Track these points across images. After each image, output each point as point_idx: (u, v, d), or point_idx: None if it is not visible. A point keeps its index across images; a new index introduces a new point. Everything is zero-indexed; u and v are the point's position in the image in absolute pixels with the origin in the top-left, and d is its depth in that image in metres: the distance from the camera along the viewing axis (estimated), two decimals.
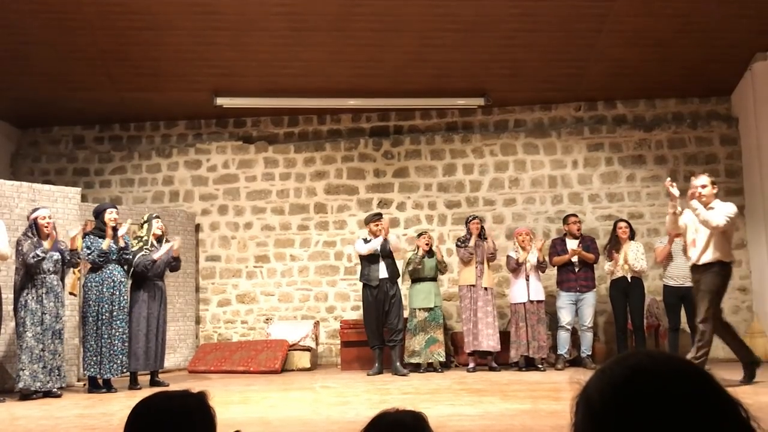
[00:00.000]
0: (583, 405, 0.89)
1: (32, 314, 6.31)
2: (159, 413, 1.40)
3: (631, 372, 0.87)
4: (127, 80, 8.79)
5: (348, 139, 9.86)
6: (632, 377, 0.86)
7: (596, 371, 0.93)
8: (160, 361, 7.20)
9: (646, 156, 9.47)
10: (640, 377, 0.85)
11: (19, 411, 5.56)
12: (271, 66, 8.54)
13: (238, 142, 9.96)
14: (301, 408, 5.46)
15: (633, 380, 0.85)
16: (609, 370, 0.89)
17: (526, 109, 9.78)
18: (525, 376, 7.35)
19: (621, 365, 0.89)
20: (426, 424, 1.55)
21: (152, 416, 1.40)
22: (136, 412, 1.42)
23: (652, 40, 8.18)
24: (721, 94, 9.51)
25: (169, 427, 1.37)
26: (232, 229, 9.80)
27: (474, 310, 8.00)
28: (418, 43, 8.15)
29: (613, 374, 0.88)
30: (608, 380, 0.87)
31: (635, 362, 0.88)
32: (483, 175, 9.63)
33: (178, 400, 1.42)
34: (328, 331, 9.48)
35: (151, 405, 1.42)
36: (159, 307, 7.20)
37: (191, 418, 1.39)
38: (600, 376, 0.90)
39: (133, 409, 1.42)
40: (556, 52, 8.39)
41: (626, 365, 0.88)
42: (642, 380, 0.85)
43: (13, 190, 7.18)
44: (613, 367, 0.89)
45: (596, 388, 0.88)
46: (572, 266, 8.15)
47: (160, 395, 1.45)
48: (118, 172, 10.04)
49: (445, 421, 4.39)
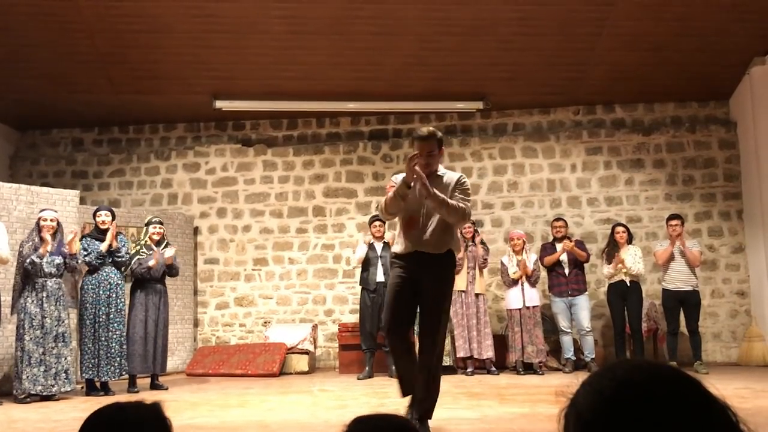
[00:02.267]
0: (573, 419, 0.89)
1: (31, 318, 6.29)
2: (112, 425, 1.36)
3: (617, 384, 0.87)
4: (127, 83, 8.79)
5: (347, 143, 9.86)
6: (619, 388, 0.86)
7: (582, 384, 0.93)
8: (160, 364, 7.17)
9: (644, 160, 9.48)
10: (628, 388, 0.86)
11: (17, 414, 5.54)
12: (271, 69, 8.55)
13: (237, 145, 9.96)
14: (299, 411, 5.46)
15: (620, 391, 0.86)
16: (595, 382, 0.90)
17: (524, 113, 9.80)
18: (523, 380, 7.35)
19: (606, 377, 0.89)
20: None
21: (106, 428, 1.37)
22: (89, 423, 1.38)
23: (651, 44, 8.20)
24: (720, 98, 9.53)
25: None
26: (231, 232, 9.79)
27: (467, 315, 7.99)
28: (417, 47, 8.16)
29: (601, 386, 0.88)
30: (596, 393, 0.88)
31: (620, 373, 0.89)
32: (482, 179, 9.64)
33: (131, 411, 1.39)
34: (326, 334, 9.47)
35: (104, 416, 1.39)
36: (158, 311, 7.19)
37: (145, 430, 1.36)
38: (587, 389, 0.90)
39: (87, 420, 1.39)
40: (555, 56, 8.40)
41: (611, 377, 0.88)
42: (629, 391, 0.85)
43: (12, 192, 7.17)
44: (599, 380, 0.89)
45: (585, 402, 0.88)
46: (562, 269, 8.14)
47: (113, 406, 1.41)
48: (116, 175, 10.04)
49: (444, 424, 4.39)
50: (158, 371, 7.17)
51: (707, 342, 8.82)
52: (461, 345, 7.94)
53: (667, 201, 9.33)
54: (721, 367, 8.30)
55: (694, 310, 7.80)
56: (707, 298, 8.87)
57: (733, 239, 9.23)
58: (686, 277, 7.82)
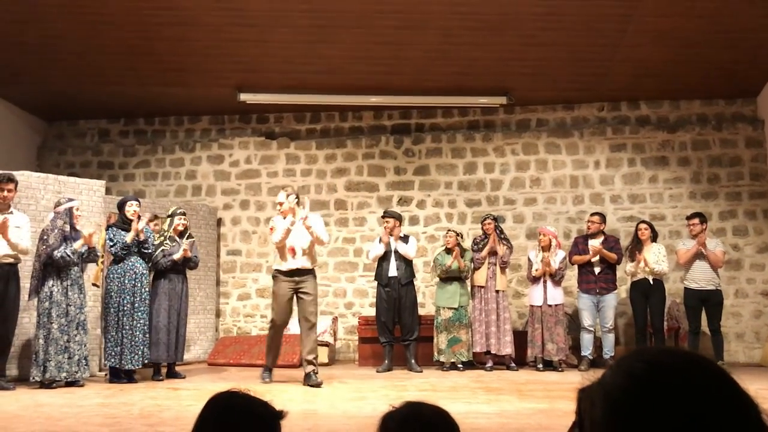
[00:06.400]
0: (601, 398, 0.90)
1: (57, 306, 6.40)
2: (236, 412, 1.41)
3: (648, 365, 0.88)
4: (153, 75, 8.89)
5: (369, 137, 9.89)
6: (650, 369, 0.87)
7: (611, 366, 0.94)
8: (180, 353, 7.31)
9: (669, 157, 9.39)
10: (659, 369, 0.87)
11: (43, 398, 5.66)
12: (295, 63, 8.59)
13: (260, 138, 10.03)
14: (318, 402, 5.50)
15: (651, 372, 0.87)
16: (625, 364, 0.91)
17: (548, 109, 9.75)
18: (542, 377, 7.34)
19: (637, 359, 0.90)
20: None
21: (235, 417, 1.41)
22: (212, 406, 1.43)
23: (678, 41, 8.11)
24: (747, 96, 9.40)
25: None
26: (253, 224, 9.87)
27: (486, 311, 7.99)
28: (441, 41, 8.15)
29: (632, 368, 0.89)
30: (626, 373, 0.89)
31: (651, 356, 0.90)
32: (504, 174, 9.62)
33: (261, 409, 1.43)
34: (346, 327, 9.52)
35: (224, 401, 1.43)
36: (180, 301, 7.31)
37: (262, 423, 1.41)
38: (617, 370, 0.91)
39: (209, 403, 1.44)
40: (580, 52, 8.34)
41: (642, 359, 0.90)
42: (660, 373, 0.87)
43: (40, 182, 7.30)
44: (629, 362, 0.90)
45: (614, 382, 0.89)
46: (592, 267, 8.08)
47: (239, 396, 1.47)
48: (142, 166, 10.16)
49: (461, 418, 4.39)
50: (177, 360, 7.31)
51: (730, 342, 8.73)
52: (478, 340, 7.95)
53: (691, 199, 9.24)
54: (743, 368, 8.22)
55: (716, 309, 7.73)
56: (731, 297, 8.79)
57: (758, 239, 9.12)
58: (709, 276, 7.75)
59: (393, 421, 1.46)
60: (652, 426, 0.83)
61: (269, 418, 1.41)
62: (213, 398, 1.45)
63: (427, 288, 9.31)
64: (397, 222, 8.19)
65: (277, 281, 6.63)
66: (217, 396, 1.45)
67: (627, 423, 0.85)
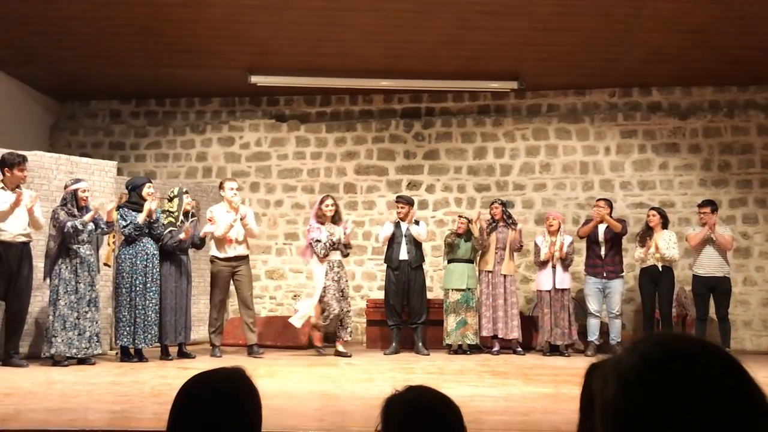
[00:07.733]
0: (614, 378, 0.92)
1: (66, 283, 6.47)
2: (211, 393, 1.44)
3: (663, 349, 0.90)
4: (164, 56, 8.90)
5: (379, 120, 9.89)
6: (665, 353, 0.89)
7: (625, 348, 0.94)
8: (187, 334, 7.39)
9: (680, 144, 9.36)
10: (674, 353, 0.89)
11: (55, 376, 5.75)
12: (306, 45, 8.58)
13: (270, 121, 10.05)
14: (325, 383, 5.57)
15: (666, 355, 0.89)
16: (640, 348, 0.92)
17: (559, 94, 9.71)
18: (549, 361, 7.39)
19: (651, 343, 0.92)
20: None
21: (203, 395, 1.44)
22: (187, 390, 1.47)
23: (691, 27, 8.04)
24: (761, 83, 9.33)
25: (221, 408, 1.41)
26: (263, 206, 9.92)
27: (494, 295, 8.02)
28: (452, 25, 8.12)
29: (647, 351, 0.91)
30: (641, 356, 0.90)
31: (666, 341, 0.92)
32: (514, 159, 9.61)
33: (230, 381, 1.45)
34: (354, 309, 9.56)
35: (202, 383, 1.46)
36: (185, 281, 7.37)
37: (242, 400, 1.43)
38: (631, 353, 0.92)
39: (184, 387, 1.47)
40: (592, 37, 8.29)
41: (656, 343, 0.91)
42: (675, 356, 0.88)
43: (52, 162, 7.36)
44: (644, 345, 0.92)
45: (629, 364, 0.91)
46: (599, 249, 8.07)
47: (213, 375, 1.48)
48: (153, 147, 10.20)
49: (467, 401, 4.46)
50: (186, 340, 7.38)
51: (737, 330, 8.74)
52: (485, 324, 7.99)
53: (701, 186, 9.21)
54: (751, 356, 8.23)
55: (724, 297, 7.74)
56: (739, 285, 8.78)
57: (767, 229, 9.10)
58: (717, 263, 7.75)
59: (395, 404, 1.50)
60: (664, 410, 0.84)
61: (241, 389, 1.44)
62: (183, 387, 1.48)
63: (435, 272, 9.35)
64: (411, 207, 8.20)
65: (216, 265, 7.62)
66: (187, 384, 1.48)
67: (639, 405, 0.86)
